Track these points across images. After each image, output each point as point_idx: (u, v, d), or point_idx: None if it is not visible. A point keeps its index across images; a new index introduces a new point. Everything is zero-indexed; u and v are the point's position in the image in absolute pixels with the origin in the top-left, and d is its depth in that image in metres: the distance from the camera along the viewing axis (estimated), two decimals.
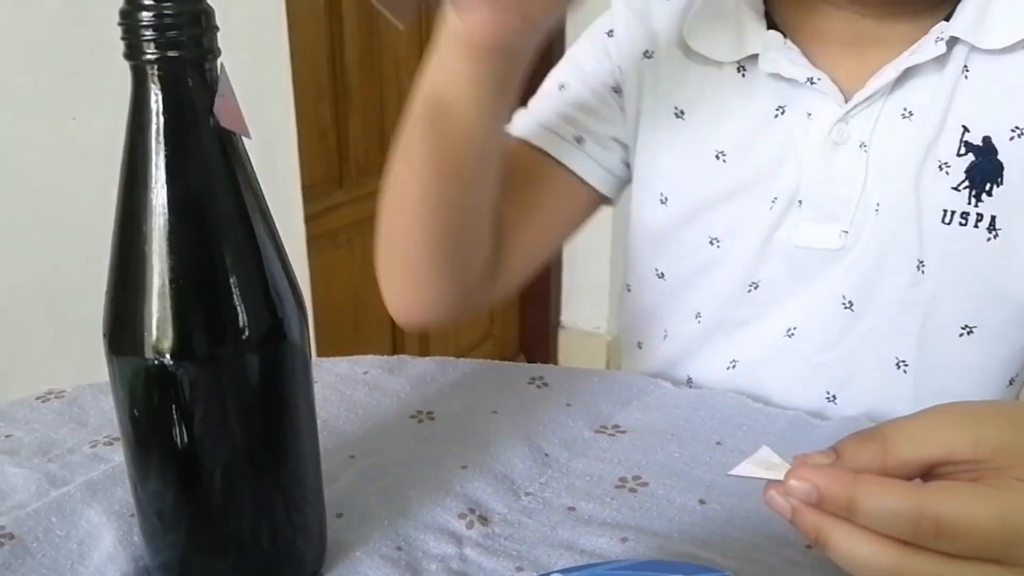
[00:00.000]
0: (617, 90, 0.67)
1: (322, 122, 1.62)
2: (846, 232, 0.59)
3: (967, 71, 0.55)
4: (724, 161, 0.62)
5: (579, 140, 0.67)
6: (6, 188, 1.00)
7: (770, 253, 0.62)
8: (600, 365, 2.21)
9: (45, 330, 0.99)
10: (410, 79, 0.55)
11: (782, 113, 0.60)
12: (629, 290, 0.73)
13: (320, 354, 1.61)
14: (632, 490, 0.50)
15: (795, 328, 0.63)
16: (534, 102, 0.69)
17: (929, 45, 0.55)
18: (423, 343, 1.98)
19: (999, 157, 0.55)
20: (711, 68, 0.62)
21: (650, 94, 0.65)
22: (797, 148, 0.60)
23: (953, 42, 0.55)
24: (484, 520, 0.47)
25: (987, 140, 0.55)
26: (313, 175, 1.58)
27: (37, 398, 0.59)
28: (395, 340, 1.91)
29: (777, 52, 0.59)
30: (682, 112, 0.64)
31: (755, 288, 0.64)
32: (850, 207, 0.59)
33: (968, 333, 0.59)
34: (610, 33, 0.67)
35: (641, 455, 0.53)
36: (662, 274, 0.68)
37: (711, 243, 0.64)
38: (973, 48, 0.54)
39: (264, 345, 0.38)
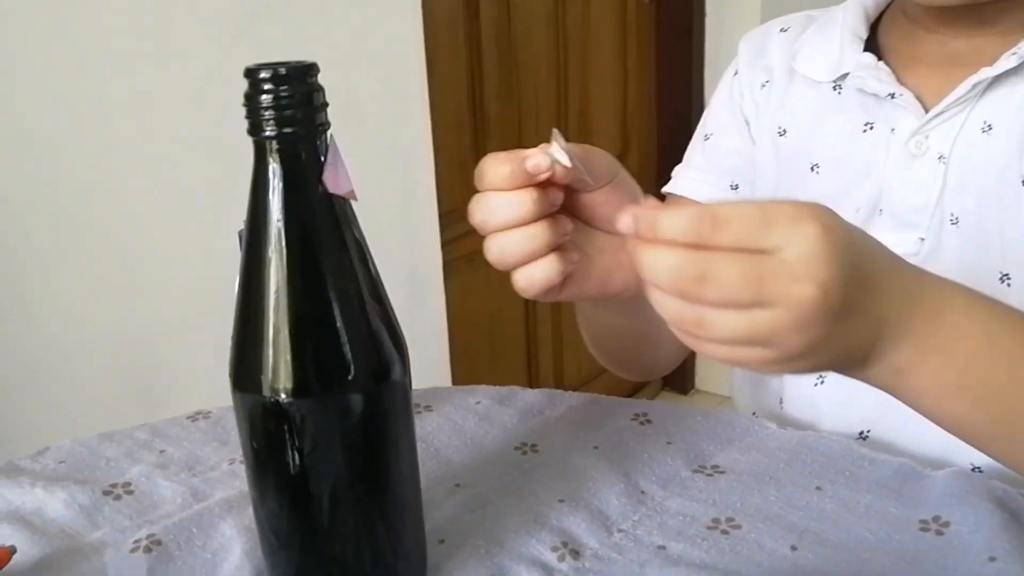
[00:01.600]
0: (748, 123, 0.72)
1: (462, 152, 1.69)
2: (923, 239, 0.61)
3: None
4: (817, 173, 0.66)
5: (735, 187, 0.73)
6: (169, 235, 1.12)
7: None
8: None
9: (208, 352, 1.10)
10: (548, 109, 0.60)
11: (870, 129, 0.63)
12: None
13: (455, 374, 1.67)
14: (724, 532, 0.51)
15: None
16: (688, 156, 0.76)
17: (1004, 60, 0.57)
18: (557, 363, 2.01)
19: None
20: (811, 87, 0.67)
21: (764, 118, 0.70)
22: (880, 160, 0.63)
23: None
24: (576, 554, 0.49)
25: None
26: (453, 201, 1.65)
27: (188, 417, 0.66)
28: (530, 361, 1.95)
29: (866, 71, 0.62)
30: (784, 131, 0.68)
31: None
32: (926, 215, 0.61)
33: None
34: (736, 73, 0.73)
35: (737, 497, 0.54)
36: None
37: None
38: None
39: (367, 385, 0.42)
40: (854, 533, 0.50)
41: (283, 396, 0.41)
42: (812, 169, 0.66)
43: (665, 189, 0.76)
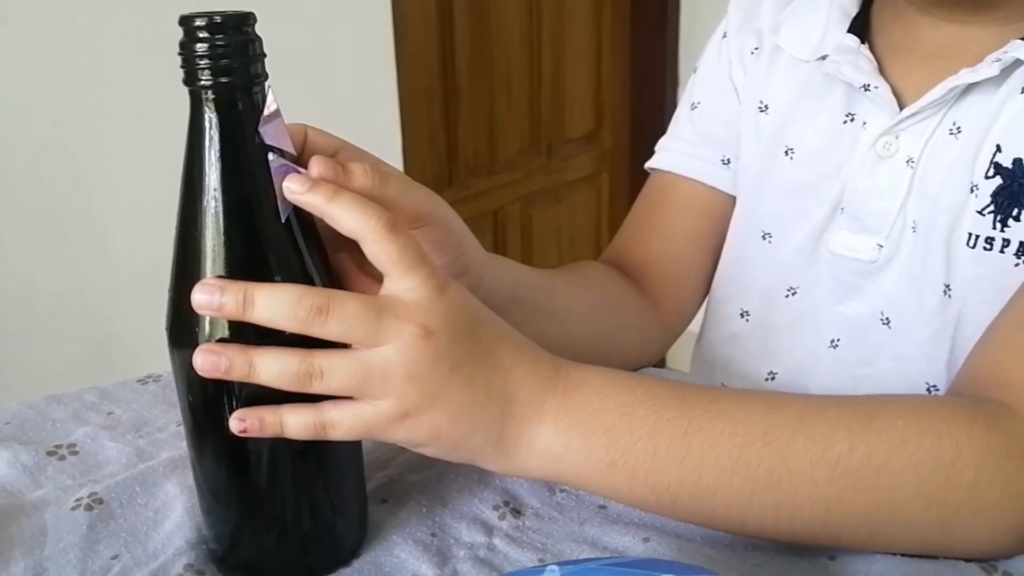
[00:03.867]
0: (737, 91, 0.68)
1: (432, 124, 1.68)
2: (881, 246, 0.58)
3: None
4: (791, 158, 0.63)
5: (726, 161, 0.69)
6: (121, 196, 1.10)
7: (812, 258, 0.62)
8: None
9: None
10: (520, 81, 0.59)
11: (851, 120, 0.60)
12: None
13: None
14: None
15: (839, 340, 0.62)
16: (674, 126, 0.72)
17: (985, 66, 0.52)
18: None
19: None
20: (796, 65, 0.63)
21: (749, 88, 0.67)
22: (848, 156, 0.59)
23: (1018, 64, 0.52)
24: (517, 513, 0.50)
25: (1018, 163, 0.52)
26: (423, 176, 1.64)
27: (138, 380, 0.66)
28: None
29: (843, 55, 0.58)
30: (766, 106, 0.65)
31: (793, 294, 0.64)
32: (887, 221, 0.58)
33: None
34: (724, 36, 0.69)
35: None
36: (715, 263, 0.70)
37: (763, 237, 0.65)
38: None
39: (307, 338, 0.42)
40: None
41: None
42: (786, 153, 0.63)
43: (649, 164, 0.72)
